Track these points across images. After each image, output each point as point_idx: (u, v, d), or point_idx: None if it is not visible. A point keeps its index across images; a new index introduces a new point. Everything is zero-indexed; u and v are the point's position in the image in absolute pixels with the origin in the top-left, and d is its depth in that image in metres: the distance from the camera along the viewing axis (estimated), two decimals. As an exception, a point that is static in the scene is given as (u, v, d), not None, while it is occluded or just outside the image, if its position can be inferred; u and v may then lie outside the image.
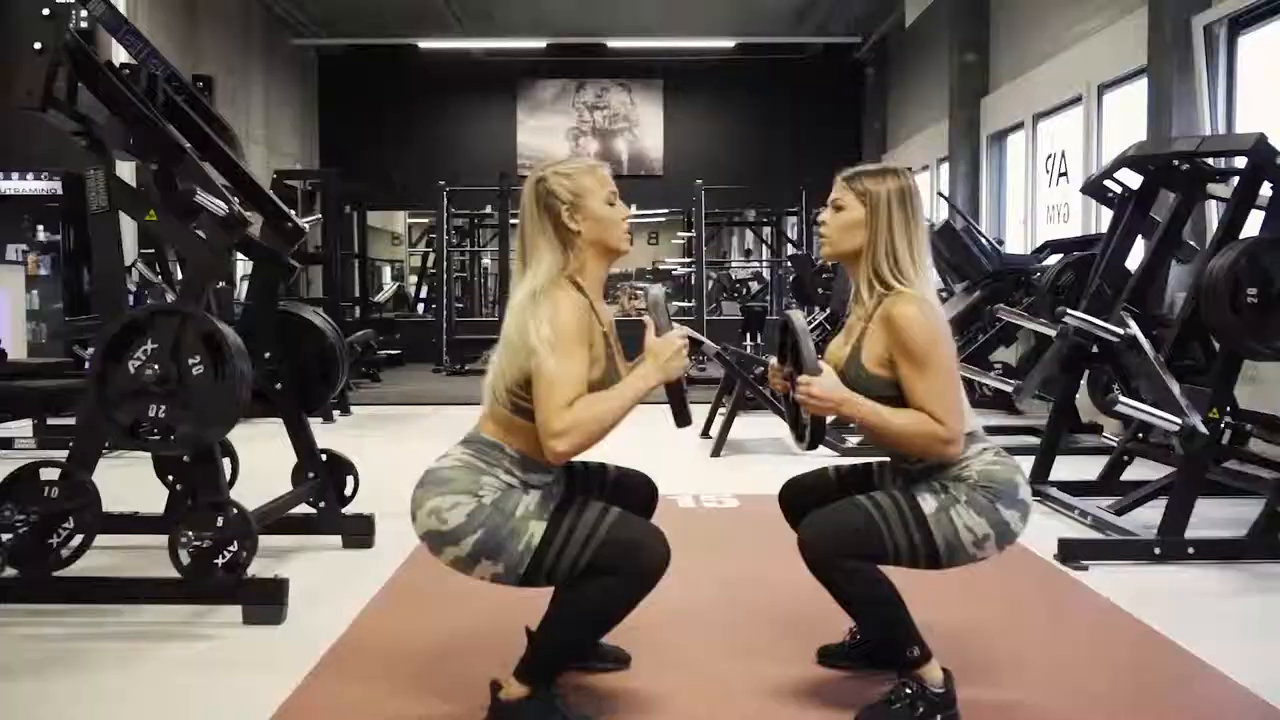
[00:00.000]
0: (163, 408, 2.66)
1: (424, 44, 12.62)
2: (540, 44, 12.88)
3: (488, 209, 13.42)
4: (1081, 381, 4.48)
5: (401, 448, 5.92)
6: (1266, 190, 3.44)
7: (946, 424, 2.00)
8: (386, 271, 17.29)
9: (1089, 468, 4.54)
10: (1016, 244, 8.82)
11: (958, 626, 2.64)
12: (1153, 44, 6.03)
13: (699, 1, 11.98)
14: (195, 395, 2.66)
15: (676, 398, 2.12)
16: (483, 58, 13.52)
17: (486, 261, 15.52)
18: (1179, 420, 3.18)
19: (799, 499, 2.30)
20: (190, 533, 2.66)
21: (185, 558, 2.68)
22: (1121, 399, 3.24)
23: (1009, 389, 4.43)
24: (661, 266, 16.71)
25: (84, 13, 3.27)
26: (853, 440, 5.39)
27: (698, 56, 13.49)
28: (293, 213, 3.38)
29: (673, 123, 14.23)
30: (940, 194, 7.16)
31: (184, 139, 3.05)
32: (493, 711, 2.03)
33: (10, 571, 2.72)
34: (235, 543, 2.69)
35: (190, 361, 2.66)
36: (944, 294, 7.03)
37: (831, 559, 2.05)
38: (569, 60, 13.64)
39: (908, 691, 2.06)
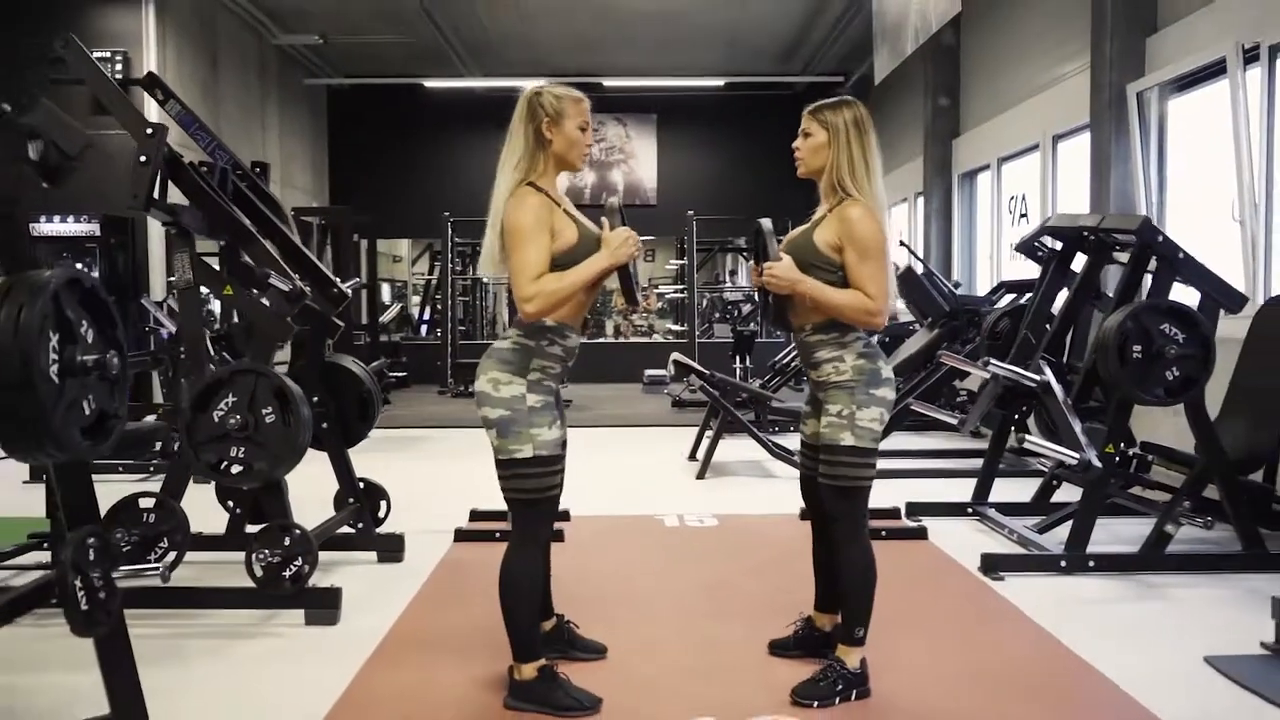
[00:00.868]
0: (241, 449, 3.29)
1: (429, 83, 13.32)
2: (540, 83, 13.54)
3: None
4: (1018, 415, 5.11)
5: (418, 468, 6.52)
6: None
7: (876, 299, 2.62)
8: (385, 289, 17.89)
9: (1028, 490, 5.18)
10: (985, 279, 9.47)
11: (883, 621, 3.25)
12: (1094, 106, 6.69)
13: (690, 44, 12.66)
14: (268, 439, 3.29)
15: (625, 279, 2.72)
16: (485, 94, 14.20)
17: (485, 279, 16.16)
18: (1077, 455, 3.82)
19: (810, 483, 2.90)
20: (265, 550, 3.29)
21: (259, 570, 3.31)
22: (1028, 437, 3.88)
23: (954, 421, 5.05)
24: (657, 289, 17.37)
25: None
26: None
27: (690, 93, 14.18)
28: (338, 280, 4.01)
29: (666, 155, 14.91)
30: (901, 243, 7.81)
31: (249, 221, 3.69)
32: (511, 689, 2.65)
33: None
34: (299, 558, 3.32)
35: (264, 411, 3.29)
36: (915, 327, 7.69)
37: (840, 526, 2.69)
38: (567, 96, 14.29)
39: (833, 672, 2.69)
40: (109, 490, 3.06)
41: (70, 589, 2.11)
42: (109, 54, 8.95)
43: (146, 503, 3.43)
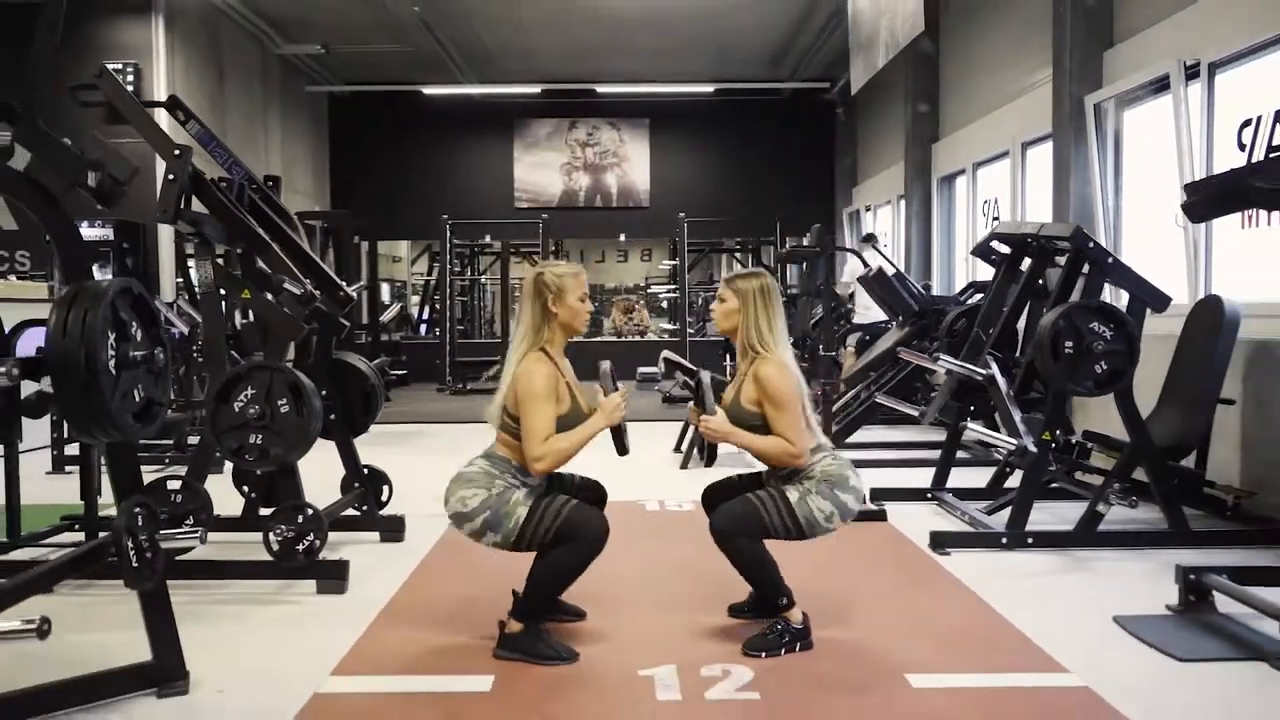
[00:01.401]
0: (259, 436, 3.69)
1: (428, 90, 13.72)
2: (535, 89, 14.01)
3: (487, 238, 14.51)
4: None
5: (419, 462, 6.92)
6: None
7: (795, 444, 3.07)
8: (385, 289, 18.31)
9: (987, 477, 5.56)
10: (962, 280, 9.86)
11: (839, 589, 3.67)
12: (1055, 117, 7.08)
13: (680, 51, 13.06)
14: (283, 427, 3.68)
15: (617, 437, 3.18)
16: (482, 100, 14.60)
17: (485, 279, 16.58)
18: (1014, 441, 4.21)
19: (714, 497, 3.32)
20: (281, 527, 3.68)
21: (275, 544, 3.71)
22: (970, 425, 4.27)
23: (915, 413, 5.44)
24: (650, 289, 17.76)
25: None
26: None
27: (681, 98, 14.59)
28: (343, 283, 4.40)
29: (658, 158, 15.32)
30: (874, 246, 8.20)
31: (263, 230, 4.08)
32: (500, 641, 3.04)
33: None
34: (311, 534, 3.71)
35: (279, 403, 3.68)
36: (887, 325, 8.08)
37: (731, 537, 3.07)
38: (562, 102, 14.74)
39: (778, 627, 3.08)
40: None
41: (124, 548, 2.50)
42: (120, 65, 9.34)
43: (174, 485, 3.82)
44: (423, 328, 15.95)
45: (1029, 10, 8.07)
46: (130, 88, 9.19)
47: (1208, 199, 3.29)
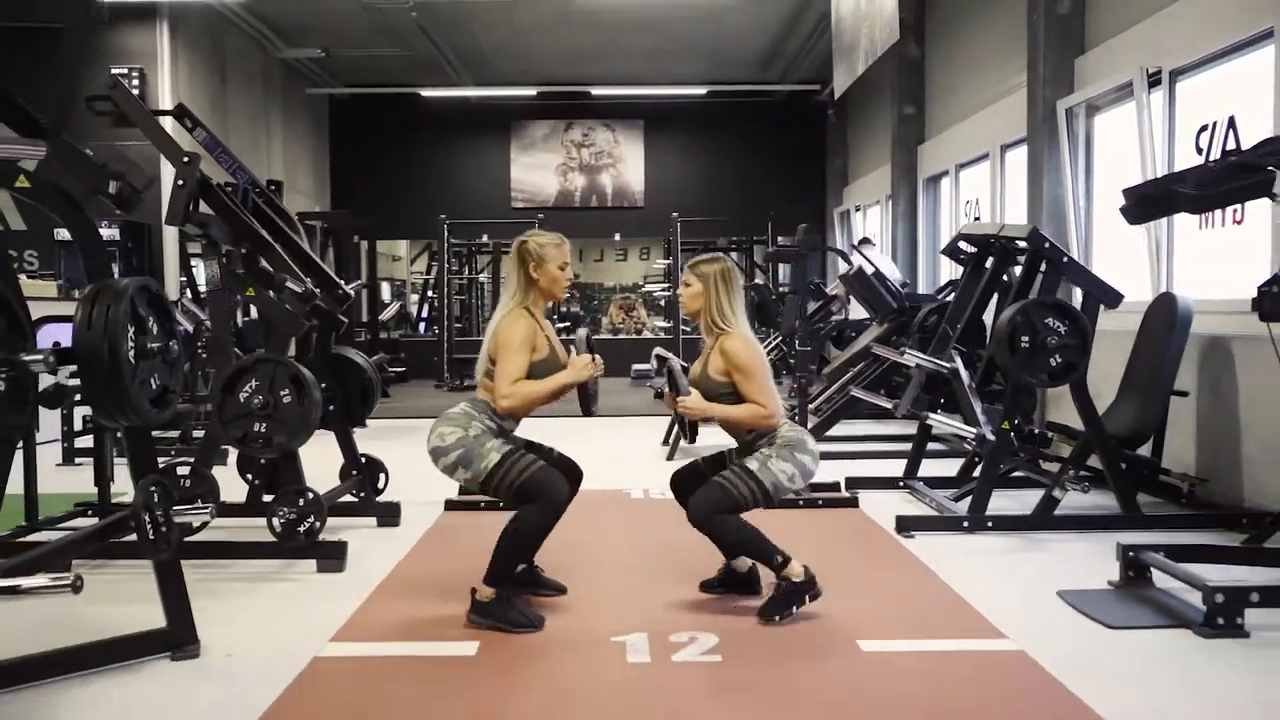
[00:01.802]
0: (263, 425, 3.95)
1: (426, 92, 13.99)
2: (531, 91, 14.28)
3: (484, 238, 14.76)
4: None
5: (417, 454, 7.15)
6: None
7: (766, 405, 3.37)
8: (385, 287, 18.55)
9: (956, 467, 5.82)
10: (947, 277, 10.11)
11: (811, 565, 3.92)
12: (1029, 120, 7.33)
13: (674, 54, 13.33)
14: (285, 416, 3.94)
15: (583, 395, 3.49)
16: (479, 102, 14.87)
17: (483, 278, 16.83)
18: (974, 431, 4.47)
19: (683, 484, 3.58)
20: (283, 509, 3.95)
21: (278, 526, 3.97)
22: (931, 415, 4.53)
23: (889, 406, 5.69)
24: (644, 288, 18.02)
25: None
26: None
27: (675, 100, 14.86)
28: (342, 281, 4.67)
29: (653, 159, 15.60)
30: (854, 245, 8.47)
31: (266, 233, 4.34)
32: (473, 607, 3.30)
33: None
34: (312, 516, 3.97)
35: (282, 394, 3.94)
36: (868, 322, 8.34)
37: (708, 518, 3.33)
38: (558, 103, 15.02)
39: (782, 586, 3.35)
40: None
41: (142, 521, 2.76)
42: (126, 70, 9.61)
43: (183, 471, 4.08)
44: (421, 326, 16.20)
45: (1007, 17, 8.32)
46: (136, 92, 9.45)
47: (1139, 202, 3.54)
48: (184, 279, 9.16)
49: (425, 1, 10.78)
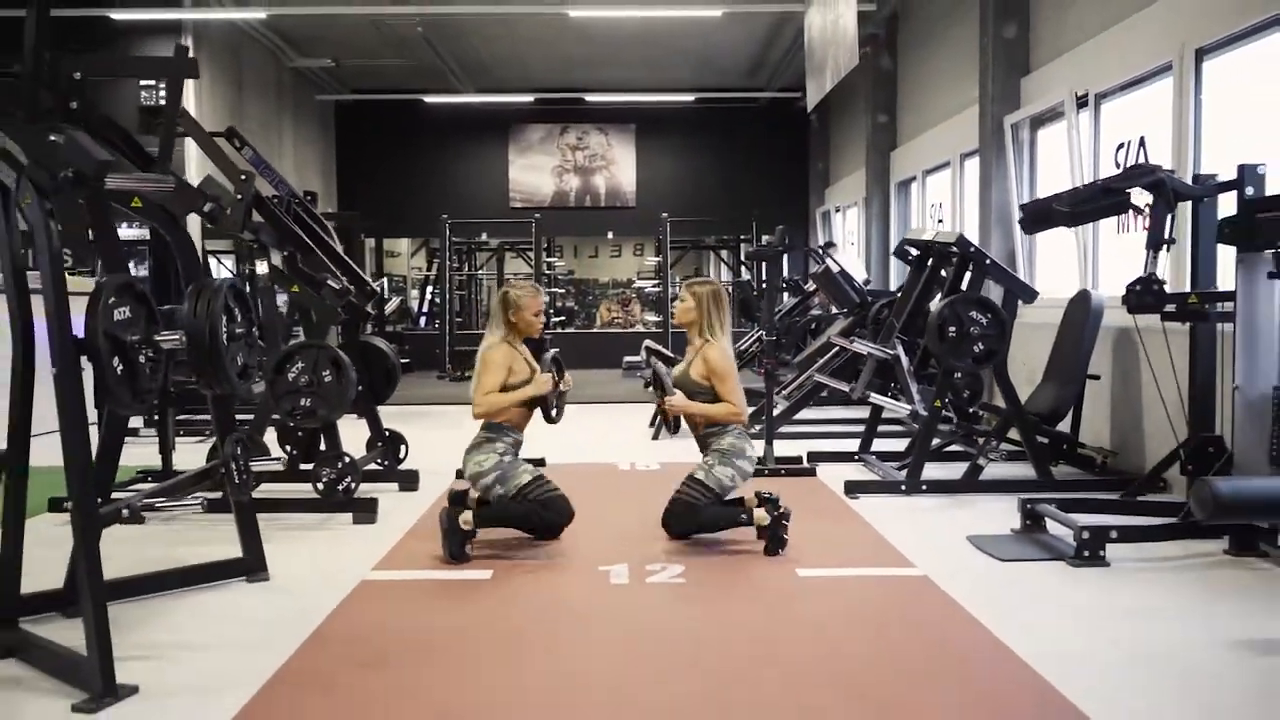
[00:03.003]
0: (308, 400, 4.71)
1: (429, 98, 14.75)
2: (529, 98, 15.06)
3: (484, 236, 15.55)
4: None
5: (426, 434, 7.92)
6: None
7: (737, 405, 4.18)
8: (385, 284, 19.23)
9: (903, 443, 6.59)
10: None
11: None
12: (980, 133, 8.11)
13: (665, 62, 14.10)
14: (327, 393, 4.71)
15: (545, 406, 4.32)
16: (479, 108, 15.63)
17: (483, 274, 17.61)
18: (908, 407, 5.25)
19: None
20: (325, 471, 4.71)
21: (321, 484, 4.74)
22: (870, 393, 5.30)
23: (846, 389, 6.47)
24: (635, 283, 18.79)
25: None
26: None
27: (665, 106, 15.63)
28: (369, 279, 5.42)
29: (644, 161, 16.39)
30: (821, 247, 9.26)
31: (307, 238, 5.10)
32: (448, 508, 4.10)
33: (215, 494, 4.76)
34: (349, 477, 4.74)
35: (324, 373, 4.71)
36: (836, 316, 9.11)
37: (684, 531, 4.22)
38: (554, 109, 15.78)
39: (764, 531, 4.15)
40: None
41: (230, 469, 3.53)
42: (153, 82, 10.31)
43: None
44: (422, 320, 16.94)
45: (968, 35, 9.08)
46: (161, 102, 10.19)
47: (1031, 216, 4.31)
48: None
49: (431, 17, 11.53)
